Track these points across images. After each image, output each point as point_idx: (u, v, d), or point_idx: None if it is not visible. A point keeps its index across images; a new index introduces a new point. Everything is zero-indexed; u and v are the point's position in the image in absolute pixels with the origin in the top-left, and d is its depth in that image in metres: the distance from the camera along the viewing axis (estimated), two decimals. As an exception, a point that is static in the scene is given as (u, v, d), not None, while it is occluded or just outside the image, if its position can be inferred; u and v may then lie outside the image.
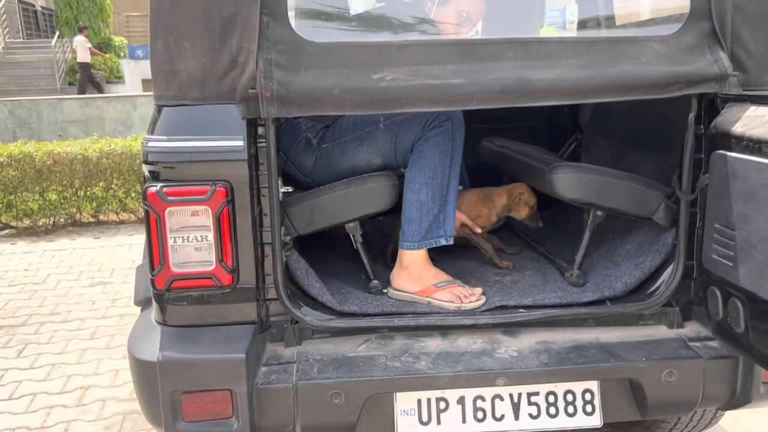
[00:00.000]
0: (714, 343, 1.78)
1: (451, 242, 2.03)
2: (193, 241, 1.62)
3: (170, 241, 1.61)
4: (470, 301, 1.93)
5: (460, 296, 1.94)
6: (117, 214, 6.15)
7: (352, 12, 2.07)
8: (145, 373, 1.65)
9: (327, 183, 1.97)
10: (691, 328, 1.87)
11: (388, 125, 2.00)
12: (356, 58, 1.62)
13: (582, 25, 2.83)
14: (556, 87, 1.64)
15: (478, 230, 2.35)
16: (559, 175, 2.00)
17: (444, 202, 1.98)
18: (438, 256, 2.36)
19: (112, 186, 5.90)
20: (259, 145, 1.69)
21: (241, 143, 1.61)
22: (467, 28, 2.12)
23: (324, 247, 2.39)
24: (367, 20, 2.07)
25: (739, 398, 1.76)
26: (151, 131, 1.65)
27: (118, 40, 16.90)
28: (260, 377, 1.67)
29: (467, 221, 2.32)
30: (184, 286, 1.65)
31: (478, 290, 1.98)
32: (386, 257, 2.35)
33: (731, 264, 1.56)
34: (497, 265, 2.28)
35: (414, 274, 2.00)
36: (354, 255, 2.11)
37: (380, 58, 1.62)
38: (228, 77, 1.60)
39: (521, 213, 2.38)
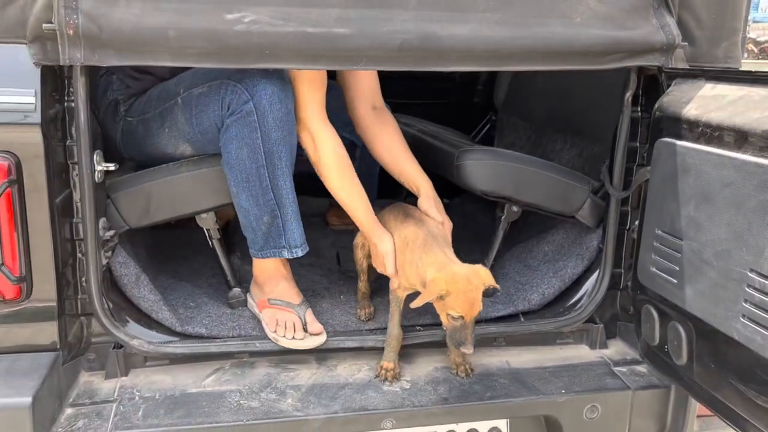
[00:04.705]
0: (642, 368, 1.56)
1: (299, 254, 1.55)
2: (-40, 238, 1.17)
3: None
4: (292, 337, 1.47)
5: (285, 324, 1.49)
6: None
7: None
8: None
9: (142, 163, 1.55)
10: (616, 348, 1.65)
11: (185, 99, 1.51)
12: None
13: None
14: (470, 48, 1.32)
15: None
16: (469, 162, 1.66)
17: (277, 207, 1.50)
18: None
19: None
20: (67, 104, 1.24)
21: (31, 100, 1.21)
22: None
23: (169, 246, 1.89)
24: None
25: (669, 435, 1.50)
26: None
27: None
28: (61, 424, 1.26)
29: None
30: None
31: (319, 328, 1.51)
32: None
33: (675, 281, 1.27)
34: None
35: (260, 282, 1.60)
36: (212, 255, 1.67)
37: None
38: (13, 5, 1.22)
39: None
